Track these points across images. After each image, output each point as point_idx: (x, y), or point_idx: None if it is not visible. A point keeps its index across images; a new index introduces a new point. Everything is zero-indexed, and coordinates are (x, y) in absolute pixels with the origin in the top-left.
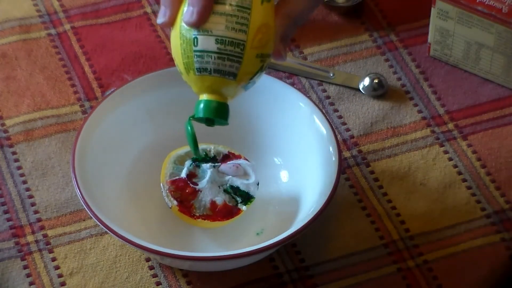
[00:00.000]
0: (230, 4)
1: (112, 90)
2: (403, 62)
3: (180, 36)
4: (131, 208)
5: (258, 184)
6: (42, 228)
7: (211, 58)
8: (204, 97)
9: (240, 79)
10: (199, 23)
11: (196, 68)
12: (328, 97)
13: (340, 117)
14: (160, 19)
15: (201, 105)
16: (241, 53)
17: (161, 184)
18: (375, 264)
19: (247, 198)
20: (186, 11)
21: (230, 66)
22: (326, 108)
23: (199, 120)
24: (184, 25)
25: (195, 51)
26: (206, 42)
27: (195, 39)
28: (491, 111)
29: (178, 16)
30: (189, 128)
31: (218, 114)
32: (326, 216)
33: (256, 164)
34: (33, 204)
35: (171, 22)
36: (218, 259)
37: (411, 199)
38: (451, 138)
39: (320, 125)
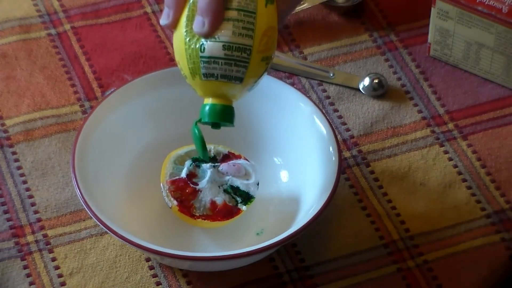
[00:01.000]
0: (236, 9)
1: (112, 90)
2: (403, 62)
3: (184, 41)
4: (131, 208)
5: (258, 184)
6: (42, 228)
7: (218, 64)
8: (209, 101)
9: (246, 83)
10: (211, 34)
11: (203, 74)
12: (328, 97)
13: (340, 117)
14: (164, 21)
15: (208, 110)
16: (247, 58)
17: (161, 184)
18: (375, 264)
19: (247, 198)
20: (196, 21)
21: (237, 71)
22: (326, 108)
23: (205, 123)
24: (189, 30)
25: (201, 57)
26: (214, 49)
27: (202, 46)
28: (491, 111)
29: (181, 18)
30: (196, 131)
31: (225, 117)
32: (326, 216)
33: (256, 164)
34: (33, 204)
35: (174, 24)
36: (218, 259)
37: (411, 199)
38: (451, 138)
39: (320, 125)
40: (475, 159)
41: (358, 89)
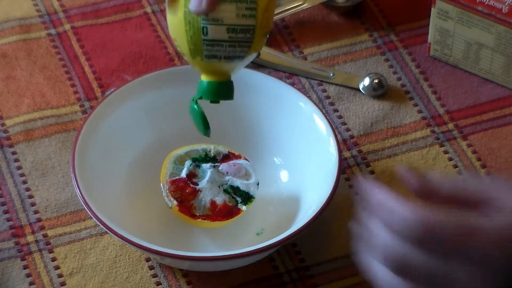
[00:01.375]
0: None
1: (112, 90)
2: (403, 62)
3: (185, 22)
4: (131, 208)
5: (258, 184)
6: (42, 228)
7: (222, 46)
8: (209, 78)
9: (247, 59)
10: (208, 12)
11: (205, 55)
12: (328, 97)
13: (340, 117)
14: None
15: (209, 88)
16: (251, 38)
17: (161, 184)
18: None
19: (247, 198)
20: (193, 0)
21: (240, 52)
22: (326, 108)
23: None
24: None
25: (204, 39)
26: (217, 32)
27: (205, 28)
28: (491, 111)
29: None
30: (196, 108)
31: (226, 94)
32: (326, 216)
33: (256, 164)
34: (33, 204)
35: None
36: (218, 259)
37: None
38: (451, 138)
39: (320, 125)
40: (475, 159)
41: (358, 89)
